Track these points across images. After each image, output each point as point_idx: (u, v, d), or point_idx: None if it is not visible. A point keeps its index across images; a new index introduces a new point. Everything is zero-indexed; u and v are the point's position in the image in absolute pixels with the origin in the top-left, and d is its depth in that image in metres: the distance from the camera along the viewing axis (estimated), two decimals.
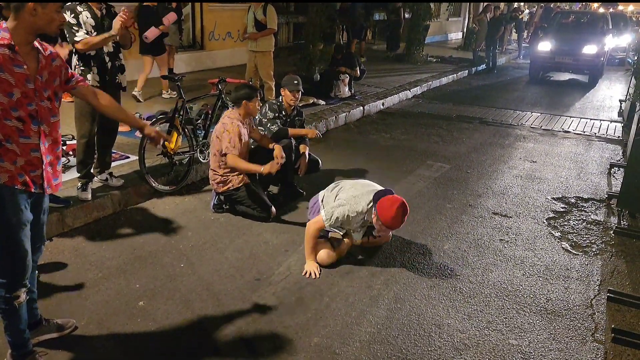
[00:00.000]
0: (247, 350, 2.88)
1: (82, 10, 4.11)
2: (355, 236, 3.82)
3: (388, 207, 3.49)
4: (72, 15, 4.06)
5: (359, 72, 9.56)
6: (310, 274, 3.64)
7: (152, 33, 7.26)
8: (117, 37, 4.12)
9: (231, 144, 4.31)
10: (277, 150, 4.44)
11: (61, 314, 3.06)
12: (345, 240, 3.93)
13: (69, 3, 4.12)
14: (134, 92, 7.77)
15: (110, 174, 4.67)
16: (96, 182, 4.55)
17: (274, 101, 5.23)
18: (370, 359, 2.86)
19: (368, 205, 3.60)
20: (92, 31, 4.14)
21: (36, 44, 2.42)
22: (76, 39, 4.04)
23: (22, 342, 2.62)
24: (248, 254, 3.94)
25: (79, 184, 4.37)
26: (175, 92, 7.83)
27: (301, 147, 5.06)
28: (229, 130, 4.32)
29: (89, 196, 4.35)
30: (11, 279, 2.47)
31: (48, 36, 2.54)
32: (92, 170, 4.47)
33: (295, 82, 5.03)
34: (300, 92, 5.11)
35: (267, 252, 3.98)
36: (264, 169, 4.30)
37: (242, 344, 2.93)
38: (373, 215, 3.56)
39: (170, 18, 7.48)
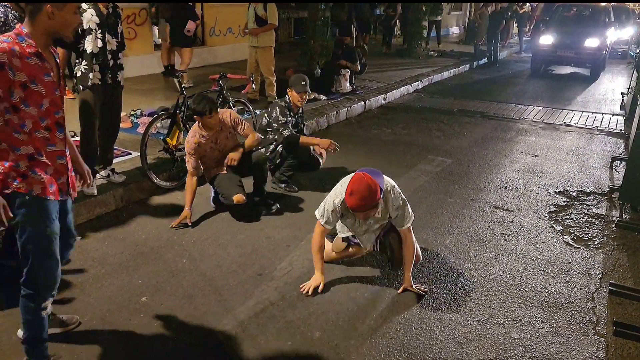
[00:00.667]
0: (250, 345, 2.89)
1: (87, 7, 4.11)
2: (364, 239, 3.58)
3: (349, 184, 3.15)
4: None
5: (359, 67, 9.54)
6: (306, 290, 3.39)
7: (192, 26, 8.41)
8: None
9: (187, 160, 4.31)
10: (233, 154, 4.35)
11: (64, 310, 3.08)
12: (365, 250, 3.72)
13: None
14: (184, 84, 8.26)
15: (112, 170, 4.68)
16: (98, 179, 4.57)
17: (283, 103, 5.02)
18: (372, 352, 2.87)
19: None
20: (97, 29, 4.14)
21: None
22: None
23: (42, 354, 2.57)
24: (250, 249, 3.95)
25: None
26: (192, 82, 8.44)
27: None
28: (186, 145, 4.35)
29: (95, 191, 4.37)
30: (41, 290, 2.46)
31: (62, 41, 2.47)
32: (95, 167, 4.48)
33: (303, 82, 4.94)
34: (307, 93, 5.05)
35: (269, 247, 4.00)
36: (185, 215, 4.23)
37: (244, 338, 2.95)
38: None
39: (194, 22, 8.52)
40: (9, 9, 3.60)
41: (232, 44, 11.73)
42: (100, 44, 4.19)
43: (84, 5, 4.11)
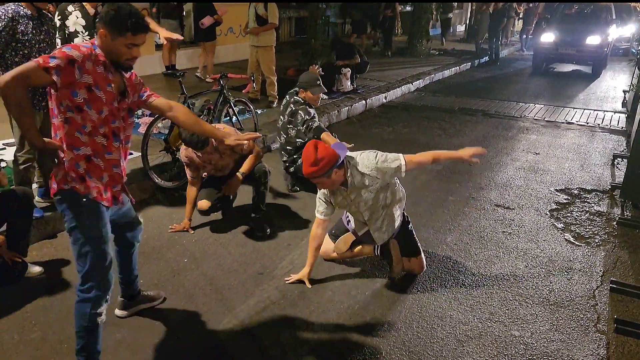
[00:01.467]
0: (251, 344, 2.90)
1: (72, 10, 4.06)
2: (370, 223, 3.49)
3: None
4: (59, 17, 4.04)
5: (359, 59, 9.51)
6: (291, 280, 3.46)
7: (207, 20, 8.86)
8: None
9: (186, 170, 4.20)
10: (230, 187, 4.17)
11: (66, 309, 3.09)
12: (366, 248, 3.70)
13: (63, 3, 4.10)
14: (207, 80, 9.05)
15: None
16: None
17: (302, 105, 4.85)
18: (373, 350, 2.87)
19: None
20: (83, 31, 4.09)
21: None
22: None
23: None
24: (251, 248, 3.96)
25: None
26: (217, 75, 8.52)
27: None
28: (180, 156, 4.24)
29: None
30: (97, 293, 2.46)
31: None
32: None
33: (318, 82, 4.80)
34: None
35: (269, 246, 4.00)
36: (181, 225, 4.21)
37: (245, 337, 2.95)
38: None
39: (223, 10, 9.17)
40: (22, 7, 3.59)
41: (233, 43, 11.74)
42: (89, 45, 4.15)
43: (69, 8, 4.07)
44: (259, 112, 6.99)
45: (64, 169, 2.38)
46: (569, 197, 5.15)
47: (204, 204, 4.14)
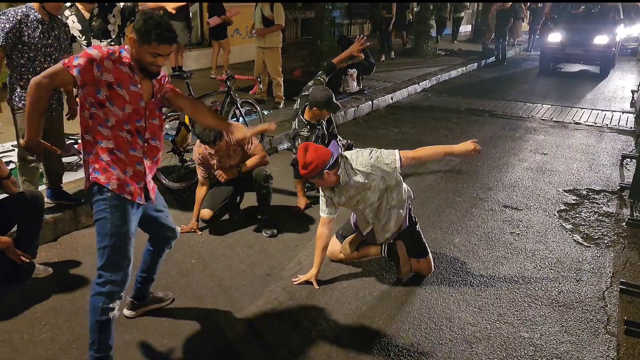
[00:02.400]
0: (259, 345, 2.90)
1: (69, 15, 4.06)
2: (377, 218, 3.47)
3: None
4: None
5: (363, 56, 9.46)
6: (298, 281, 3.47)
7: (214, 20, 9.33)
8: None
9: (197, 170, 4.25)
10: (224, 172, 4.13)
11: (74, 310, 3.11)
12: (373, 249, 3.72)
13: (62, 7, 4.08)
14: (211, 75, 9.34)
15: None
16: None
17: (303, 123, 4.53)
18: (381, 352, 2.87)
19: None
20: (80, 36, 4.09)
21: None
22: None
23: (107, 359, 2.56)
24: (258, 249, 3.96)
25: None
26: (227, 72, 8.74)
27: None
28: (193, 155, 4.26)
29: None
30: (112, 288, 2.48)
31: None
32: None
33: (334, 99, 4.44)
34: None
35: (277, 247, 4.00)
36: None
37: (253, 338, 2.96)
38: None
39: (232, 11, 9.46)
40: (33, 11, 3.60)
41: (239, 45, 11.76)
42: None
43: (66, 13, 4.07)
44: (265, 113, 6.99)
45: (89, 163, 2.48)
46: (578, 198, 5.13)
47: (206, 213, 4.18)
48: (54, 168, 4.09)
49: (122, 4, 4.32)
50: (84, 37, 4.09)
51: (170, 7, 4.25)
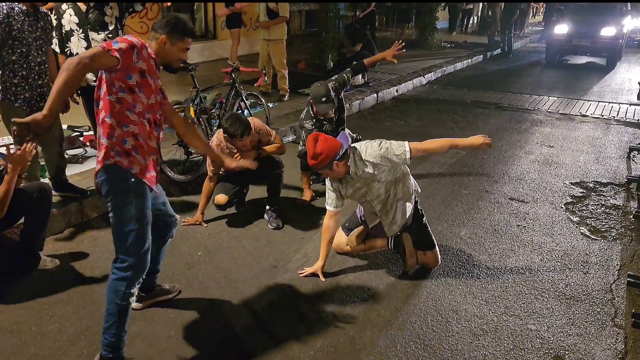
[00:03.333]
0: (265, 337, 2.91)
1: (66, 9, 4.01)
2: (383, 212, 3.45)
3: None
4: (55, 17, 4.01)
5: (358, 47, 9.39)
6: (305, 274, 3.46)
7: (221, 12, 9.35)
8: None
9: (208, 164, 4.16)
10: (245, 161, 3.99)
11: (82, 302, 3.12)
12: (379, 242, 3.71)
13: (56, 3, 4.05)
14: (229, 62, 9.02)
15: None
16: None
17: (308, 112, 4.62)
18: (388, 344, 2.87)
19: None
20: (77, 29, 4.03)
21: None
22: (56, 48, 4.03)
23: (121, 345, 2.54)
24: (264, 241, 3.96)
25: None
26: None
27: None
28: None
29: None
30: (134, 272, 2.49)
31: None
32: None
33: (323, 99, 4.37)
34: (331, 109, 4.51)
35: (283, 239, 4.00)
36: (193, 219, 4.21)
37: (259, 330, 2.96)
38: None
39: (244, 3, 9.03)
40: (16, 4, 3.53)
41: (244, 37, 11.70)
42: (84, 44, 4.06)
43: (63, 7, 4.01)
44: (270, 106, 6.97)
45: (109, 146, 2.45)
46: (585, 191, 5.10)
47: (221, 198, 4.15)
48: (54, 160, 4.07)
49: None
50: (81, 30, 4.02)
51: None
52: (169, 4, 9.44)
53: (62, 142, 4.18)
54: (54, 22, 3.99)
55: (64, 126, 5.72)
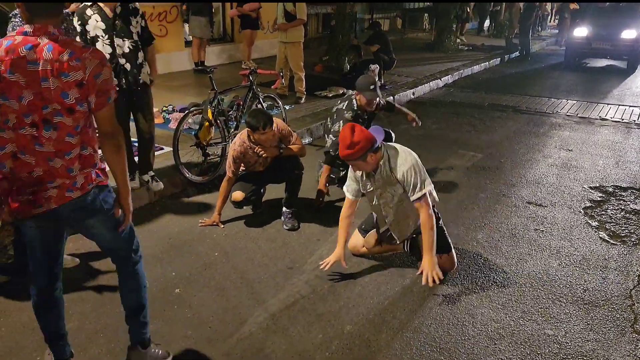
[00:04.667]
0: (281, 337, 2.92)
1: (91, 14, 3.99)
2: (388, 217, 3.48)
3: None
4: (79, 22, 4.01)
5: (375, 48, 9.40)
6: (325, 265, 3.42)
7: (231, 12, 10.05)
8: None
9: (228, 164, 4.19)
10: (268, 150, 4.13)
11: (100, 301, 3.17)
12: (397, 245, 3.71)
13: (81, 6, 4.05)
14: (242, 66, 9.24)
15: (153, 176, 4.65)
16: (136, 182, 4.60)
17: (349, 101, 4.73)
18: (403, 347, 2.87)
19: None
20: (103, 35, 4.01)
21: None
22: None
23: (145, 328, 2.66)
24: (281, 242, 3.98)
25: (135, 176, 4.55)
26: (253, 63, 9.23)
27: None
28: (230, 151, 4.19)
29: (137, 184, 4.52)
30: None
31: None
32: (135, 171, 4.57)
33: (372, 87, 4.52)
34: (377, 98, 4.66)
35: (299, 240, 4.02)
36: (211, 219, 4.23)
37: (276, 331, 2.98)
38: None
39: (252, 5, 9.50)
40: None
41: (261, 39, 11.78)
42: (109, 49, 4.04)
43: (88, 12, 3.99)
44: (287, 108, 7.00)
45: (93, 171, 2.28)
46: (604, 195, 5.04)
47: (238, 195, 4.17)
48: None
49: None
50: (107, 36, 4.03)
51: None
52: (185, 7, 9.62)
53: None
54: (78, 28, 4.01)
55: None
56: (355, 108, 4.63)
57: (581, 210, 4.68)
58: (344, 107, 4.70)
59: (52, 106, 2.06)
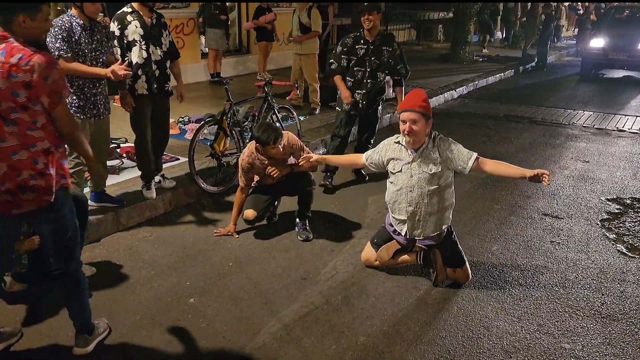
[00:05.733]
0: (294, 348, 2.92)
1: (131, 20, 4.19)
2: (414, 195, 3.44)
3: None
4: (119, 26, 4.18)
5: None
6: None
7: (247, 25, 10.43)
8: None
9: (239, 175, 4.23)
10: (277, 169, 4.14)
11: (116, 309, 3.20)
12: (409, 257, 3.69)
13: (120, 12, 4.25)
14: (258, 77, 9.86)
15: (163, 176, 4.83)
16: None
17: (350, 35, 5.19)
18: (417, 359, 2.85)
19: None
20: (141, 40, 4.21)
21: None
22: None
23: None
24: (295, 253, 3.99)
25: (142, 184, 4.60)
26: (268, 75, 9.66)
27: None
28: (240, 162, 4.21)
29: (154, 194, 4.56)
30: None
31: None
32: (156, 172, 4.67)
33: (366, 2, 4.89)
34: (375, 13, 4.91)
35: (313, 251, 4.02)
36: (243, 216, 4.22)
37: (289, 341, 2.98)
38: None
39: (267, 18, 9.74)
40: (74, 17, 3.70)
41: (276, 51, 11.88)
42: (145, 54, 4.25)
43: (128, 18, 4.19)
44: (301, 119, 7.04)
45: (61, 172, 2.56)
46: (621, 207, 4.97)
47: (250, 213, 4.17)
48: (99, 171, 4.20)
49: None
50: (144, 42, 4.23)
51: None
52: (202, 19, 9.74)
53: (108, 153, 4.36)
54: (117, 32, 4.17)
55: None
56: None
57: (598, 223, 4.63)
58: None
59: (6, 103, 2.32)
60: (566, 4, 19.40)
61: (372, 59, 5.09)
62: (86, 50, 3.76)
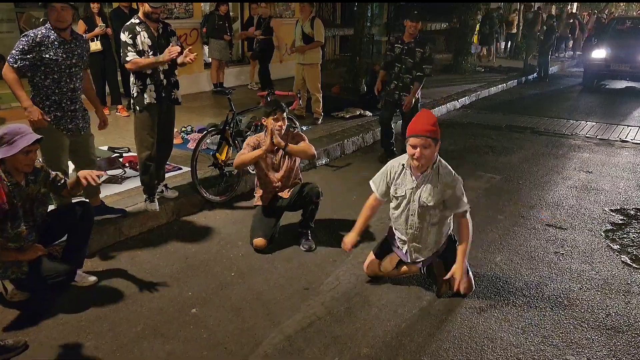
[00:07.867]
0: (296, 359, 2.90)
1: (140, 30, 4.24)
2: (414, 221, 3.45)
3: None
4: (130, 35, 4.21)
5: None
6: (344, 244, 3.64)
7: (238, 35, 10.66)
8: (166, 63, 4.22)
9: (244, 148, 4.26)
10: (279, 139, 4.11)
11: (117, 320, 3.18)
12: (412, 267, 3.66)
13: (129, 23, 4.29)
14: (248, 87, 10.48)
15: (165, 185, 4.82)
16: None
17: (395, 35, 5.87)
18: None
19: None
20: (149, 50, 4.25)
21: None
22: (127, 58, 4.19)
23: None
24: (297, 263, 3.97)
25: (145, 196, 4.55)
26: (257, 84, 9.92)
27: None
28: (247, 141, 4.30)
29: (157, 207, 4.53)
30: None
31: None
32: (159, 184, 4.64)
33: (415, 11, 5.70)
34: (419, 22, 5.91)
35: (315, 262, 4.01)
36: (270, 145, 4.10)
37: (291, 352, 2.95)
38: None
39: (252, 31, 9.96)
40: (52, 32, 3.68)
41: (278, 61, 11.93)
42: None
43: (137, 28, 4.23)
44: (304, 129, 7.05)
45: None
46: (625, 218, 4.95)
47: (261, 242, 4.11)
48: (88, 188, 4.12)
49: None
50: (151, 52, 4.26)
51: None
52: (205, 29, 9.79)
53: (108, 163, 4.35)
54: (129, 40, 4.20)
55: (104, 147, 5.93)
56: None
57: (602, 233, 4.60)
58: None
59: None
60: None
61: (407, 58, 6.05)
62: (63, 66, 3.73)
